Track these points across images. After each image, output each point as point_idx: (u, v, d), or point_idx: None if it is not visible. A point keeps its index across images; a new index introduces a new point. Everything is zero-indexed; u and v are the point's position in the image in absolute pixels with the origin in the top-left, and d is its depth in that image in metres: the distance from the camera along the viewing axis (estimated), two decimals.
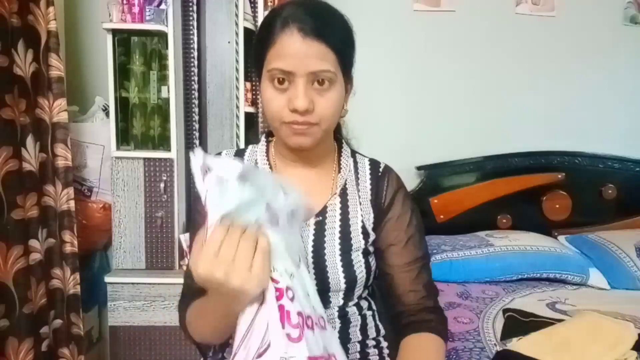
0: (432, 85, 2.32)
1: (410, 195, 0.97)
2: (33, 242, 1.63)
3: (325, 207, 0.89)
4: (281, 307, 0.58)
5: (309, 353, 0.58)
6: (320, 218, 0.88)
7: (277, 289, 0.59)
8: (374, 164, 0.96)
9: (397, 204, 0.92)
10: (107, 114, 1.94)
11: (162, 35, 1.83)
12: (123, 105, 1.89)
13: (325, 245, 0.86)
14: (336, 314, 0.87)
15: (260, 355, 0.57)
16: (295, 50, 0.77)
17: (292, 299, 0.60)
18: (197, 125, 1.95)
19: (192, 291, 0.81)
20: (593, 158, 2.31)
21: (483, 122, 2.34)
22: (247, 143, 1.89)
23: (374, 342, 0.92)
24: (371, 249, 0.91)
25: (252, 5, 1.93)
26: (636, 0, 2.32)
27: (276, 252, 0.62)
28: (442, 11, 2.28)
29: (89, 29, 2.10)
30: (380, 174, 0.95)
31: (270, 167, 0.91)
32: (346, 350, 0.87)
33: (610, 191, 2.29)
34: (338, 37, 0.80)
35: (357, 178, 0.93)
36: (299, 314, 0.60)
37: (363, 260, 0.89)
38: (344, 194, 0.91)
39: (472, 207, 2.24)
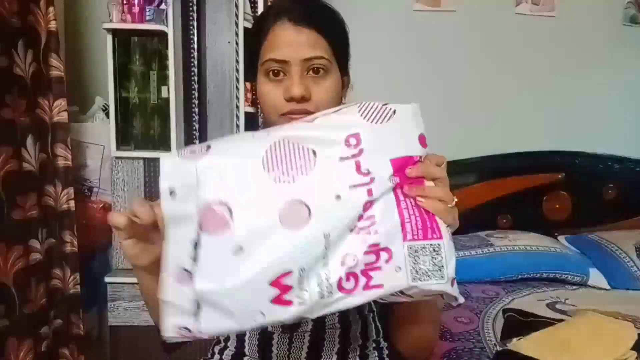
0: (432, 85, 2.32)
1: None
2: (33, 242, 1.63)
3: None
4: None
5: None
6: None
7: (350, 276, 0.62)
8: None
9: None
10: (107, 114, 1.94)
11: (162, 35, 1.82)
12: (123, 105, 1.89)
13: None
14: (337, 318, 0.87)
15: None
16: (287, 38, 0.78)
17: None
18: (197, 125, 1.95)
19: None
20: (593, 158, 2.31)
21: (483, 122, 2.34)
22: None
23: (374, 344, 0.91)
24: None
25: (252, 5, 1.93)
26: (636, 0, 2.32)
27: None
28: (442, 11, 2.28)
29: (89, 29, 2.10)
30: None
31: None
32: (346, 354, 0.87)
33: (610, 191, 2.30)
34: (330, 25, 0.81)
35: None
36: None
37: None
38: None
39: (472, 207, 2.24)
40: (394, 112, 0.66)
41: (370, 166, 0.62)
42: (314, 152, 0.63)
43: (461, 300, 0.65)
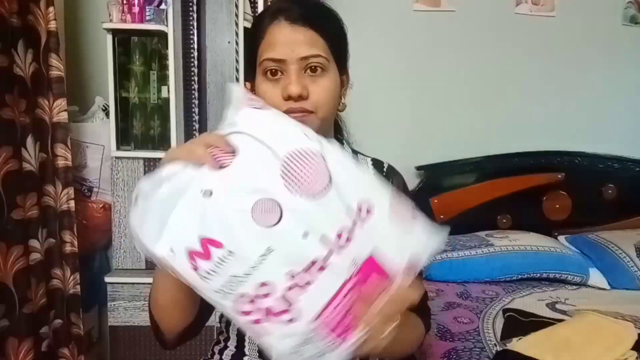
0: (432, 85, 2.32)
1: (413, 197, 0.95)
2: (33, 242, 1.63)
3: None
4: (266, 310, 0.60)
5: (310, 318, 0.60)
6: None
7: (249, 302, 0.60)
8: (378, 163, 0.96)
9: None
10: (107, 114, 1.94)
11: (162, 35, 1.82)
12: (123, 105, 1.89)
13: None
14: None
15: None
16: (284, 38, 0.78)
17: (268, 294, 0.60)
18: (197, 125, 1.95)
19: None
20: (593, 158, 2.31)
21: (483, 122, 2.34)
22: None
23: None
24: None
25: (252, 5, 1.93)
26: (636, 0, 2.32)
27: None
28: (442, 11, 2.28)
29: (89, 29, 2.10)
30: (384, 173, 0.94)
31: None
32: None
33: (610, 191, 2.29)
34: (327, 24, 0.82)
35: None
36: (282, 298, 0.60)
37: None
38: None
39: (472, 207, 2.24)
40: (414, 220, 0.64)
41: (354, 240, 0.61)
42: (330, 182, 0.62)
43: None
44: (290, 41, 0.78)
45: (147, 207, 0.61)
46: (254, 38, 0.83)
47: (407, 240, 0.63)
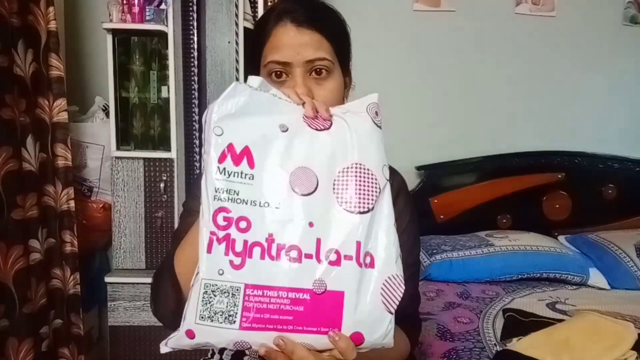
0: (432, 85, 2.32)
1: (412, 199, 0.95)
2: (33, 242, 1.63)
3: None
4: (227, 236, 0.60)
5: (248, 281, 0.59)
6: None
7: (225, 218, 0.60)
8: None
9: (397, 207, 0.91)
10: (107, 114, 1.94)
11: (162, 35, 1.83)
12: (123, 105, 1.89)
13: None
14: None
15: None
16: (290, 40, 0.78)
17: (244, 229, 0.60)
18: (197, 125, 1.95)
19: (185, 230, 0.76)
20: (593, 158, 2.31)
21: (483, 122, 2.34)
22: None
23: None
24: None
25: (252, 5, 1.93)
26: (636, 0, 2.32)
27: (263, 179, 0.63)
28: (442, 11, 2.28)
29: (89, 29, 2.10)
30: None
31: None
32: None
33: (610, 191, 2.30)
34: (332, 26, 0.82)
35: None
36: (246, 242, 0.60)
37: None
38: None
39: (472, 207, 2.24)
40: (389, 312, 0.63)
41: (340, 269, 0.61)
42: (371, 211, 0.65)
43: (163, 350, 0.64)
44: (295, 44, 0.77)
45: (245, 94, 0.65)
46: (258, 39, 0.82)
47: (372, 318, 0.62)
